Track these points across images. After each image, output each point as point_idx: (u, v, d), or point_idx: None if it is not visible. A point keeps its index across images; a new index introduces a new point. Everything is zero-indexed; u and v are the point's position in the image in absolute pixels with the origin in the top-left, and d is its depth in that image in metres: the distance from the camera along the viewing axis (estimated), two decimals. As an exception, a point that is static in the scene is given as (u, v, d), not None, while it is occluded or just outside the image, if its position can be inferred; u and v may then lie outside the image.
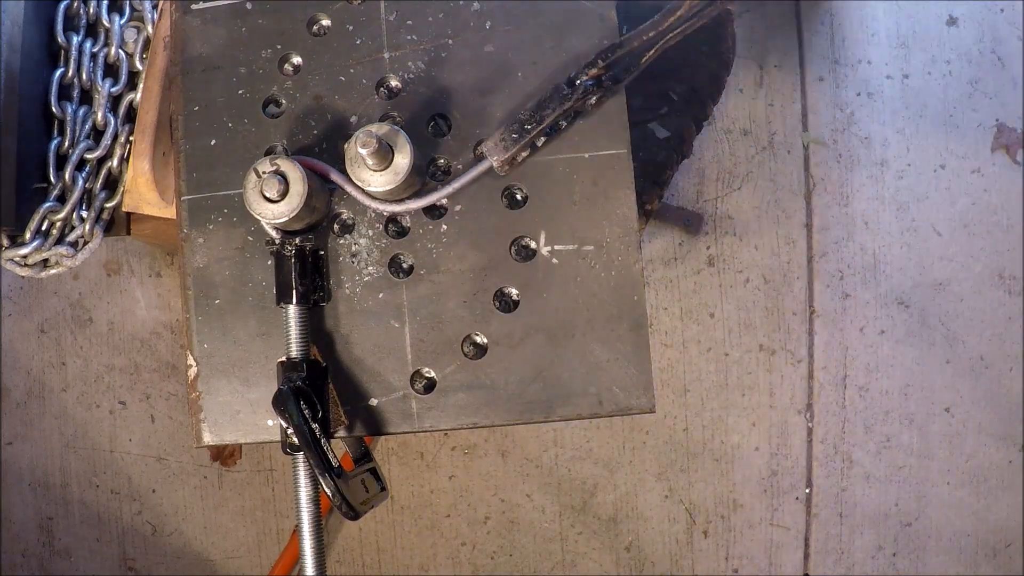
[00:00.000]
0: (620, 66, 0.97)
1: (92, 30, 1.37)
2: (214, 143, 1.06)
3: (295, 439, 0.92)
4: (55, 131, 1.35)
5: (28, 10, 1.29)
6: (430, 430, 1.01)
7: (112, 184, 1.38)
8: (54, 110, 1.34)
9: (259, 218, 0.95)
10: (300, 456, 0.95)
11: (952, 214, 2.04)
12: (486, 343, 1.00)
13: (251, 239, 1.04)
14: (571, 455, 2.04)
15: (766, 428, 2.02)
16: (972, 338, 2.02)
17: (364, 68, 1.05)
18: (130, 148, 1.36)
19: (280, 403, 0.93)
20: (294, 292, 0.97)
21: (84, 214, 1.36)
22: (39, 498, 2.10)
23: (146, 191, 1.33)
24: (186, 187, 1.06)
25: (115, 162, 1.36)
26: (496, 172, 0.99)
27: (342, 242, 1.03)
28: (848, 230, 2.04)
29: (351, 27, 1.06)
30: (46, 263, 1.38)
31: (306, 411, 0.92)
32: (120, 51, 1.36)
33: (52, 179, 1.33)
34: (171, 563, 2.09)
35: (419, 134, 1.02)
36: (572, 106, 0.97)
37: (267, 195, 0.94)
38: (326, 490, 0.91)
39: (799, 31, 2.07)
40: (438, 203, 1.02)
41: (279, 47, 1.06)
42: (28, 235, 1.32)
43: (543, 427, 2.03)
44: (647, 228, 2.01)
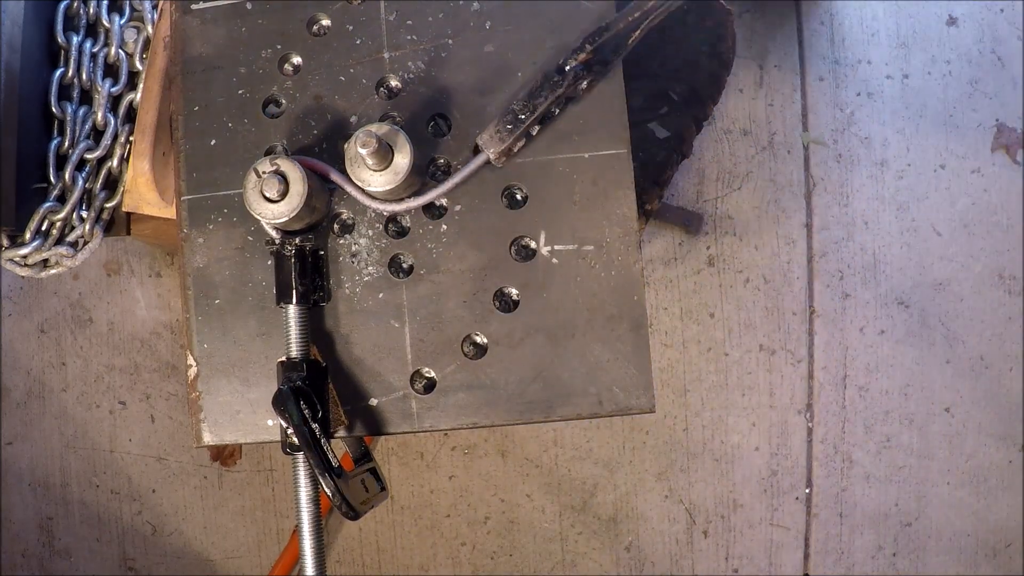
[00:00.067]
0: (608, 48, 0.97)
1: (92, 30, 1.38)
2: (214, 143, 1.06)
3: (295, 439, 0.92)
4: (55, 131, 1.35)
5: (28, 10, 1.29)
6: (430, 430, 1.01)
7: (112, 184, 1.38)
8: (54, 110, 1.34)
9: (259, 218, 0.95)
10: (300, 456, 0.95)
11: (952, 214, 2.04)
12: (486, 343, 1.00)
13: (251, 239, 1.04)
14: (571, 455, 2.04)
15: (766, 428, 2.02)
16: (972, 338, 2.02)
17: (364, 68, 1.05)
18: (130, 148, 1.36)
19: (280, 403, 0.93)
20: (294, 292, 0.97)
21: (84, 214, 1.36)
22: (39, 498, 2.10)
23: (146, 191, 1.33)
24: (186, 187, 1.06)
25: (115, 162, 1.36)
26: (494, 164, 0.99)
27: (342, 242, 1.03)
28: (848, 230, 2.04)
29: (351, 27, 1.06)
30: (46, 263, 1.38)
31: (306, 411, 0.92)
32: (120, 51, 1.36)
33: (52, 179, 1.33)
34: (171, 563, 2.09)
35: (419, 134, 1.02)
36: (564, 92, 0.97)
37: (267, 195, 0.94)
38: (326, 490, 0.91)
39: (799, 31, 2.07)
40: (438, 203, 1.02)
41: (279, 47, 1.06)
42: (28, 235, 1.32)
43: (543, 427, 2.03)
44: (647, 228, 2.01)
